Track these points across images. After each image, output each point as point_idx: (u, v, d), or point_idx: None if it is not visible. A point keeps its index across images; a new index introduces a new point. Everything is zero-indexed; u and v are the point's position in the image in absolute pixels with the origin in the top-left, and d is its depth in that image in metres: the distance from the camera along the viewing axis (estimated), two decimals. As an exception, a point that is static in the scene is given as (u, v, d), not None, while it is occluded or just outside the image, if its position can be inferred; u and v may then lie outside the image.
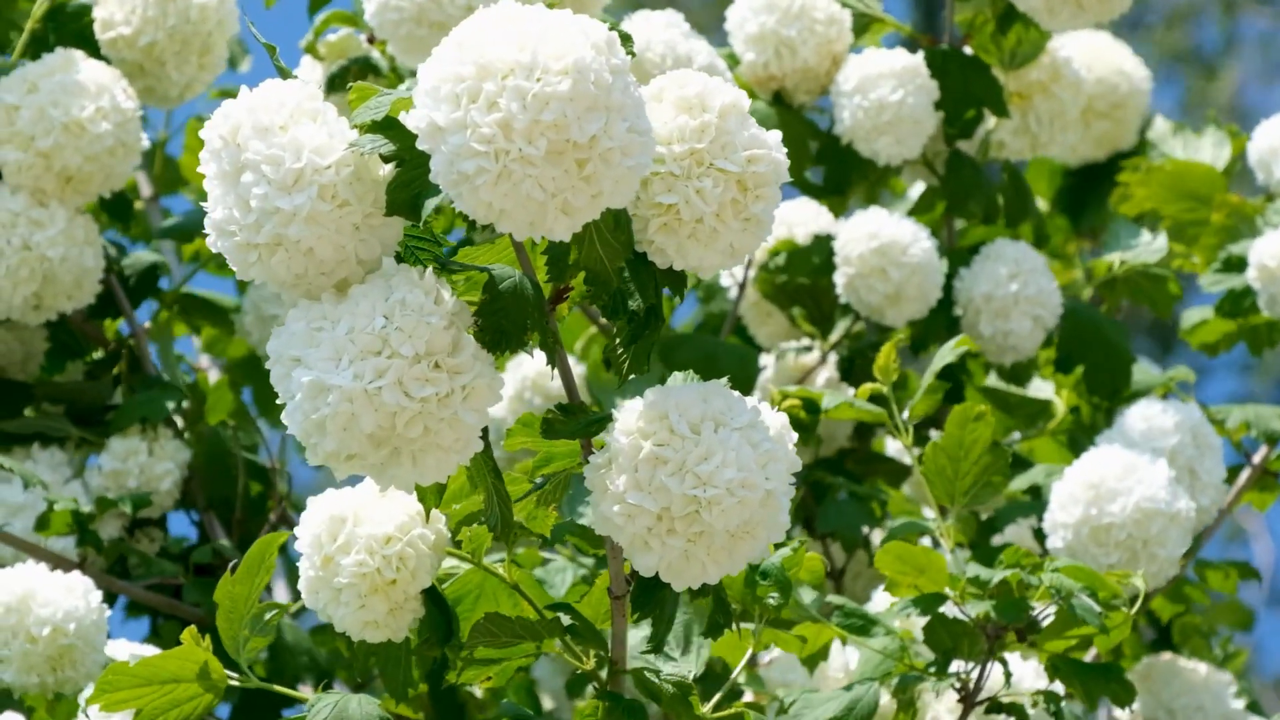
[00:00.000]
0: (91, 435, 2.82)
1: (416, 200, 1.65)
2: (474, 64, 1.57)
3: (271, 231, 1.65)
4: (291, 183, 1.65)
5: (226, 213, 1.67)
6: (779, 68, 2.94)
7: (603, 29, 1.60)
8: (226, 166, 1.67)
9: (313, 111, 1.68)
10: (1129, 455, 2.57)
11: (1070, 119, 2.99)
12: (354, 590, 1.92)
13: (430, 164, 1.59)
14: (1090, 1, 2.80)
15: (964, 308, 2.92)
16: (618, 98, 1.58)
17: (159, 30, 2.77)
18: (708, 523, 1.68)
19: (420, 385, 1.63)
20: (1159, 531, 2.54)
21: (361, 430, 1.63)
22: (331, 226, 1.66)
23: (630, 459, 1.69)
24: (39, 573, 2.29)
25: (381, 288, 1.66)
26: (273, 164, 1.65)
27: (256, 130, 1.66)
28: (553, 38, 1.57)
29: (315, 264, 1.67)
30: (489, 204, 1.57)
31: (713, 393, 1.73)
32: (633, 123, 1.59)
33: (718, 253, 1.74)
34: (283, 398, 1.67)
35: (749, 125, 1.74)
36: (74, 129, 2.65)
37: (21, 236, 2.66)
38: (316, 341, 1.64)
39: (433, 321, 1.64)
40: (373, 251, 1.69)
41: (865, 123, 2.88)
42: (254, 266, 1.67)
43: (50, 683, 2.28)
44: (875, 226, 2.86)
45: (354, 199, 1.67)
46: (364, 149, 1.65)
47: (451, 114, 1.57)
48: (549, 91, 1.55)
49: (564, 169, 1.56)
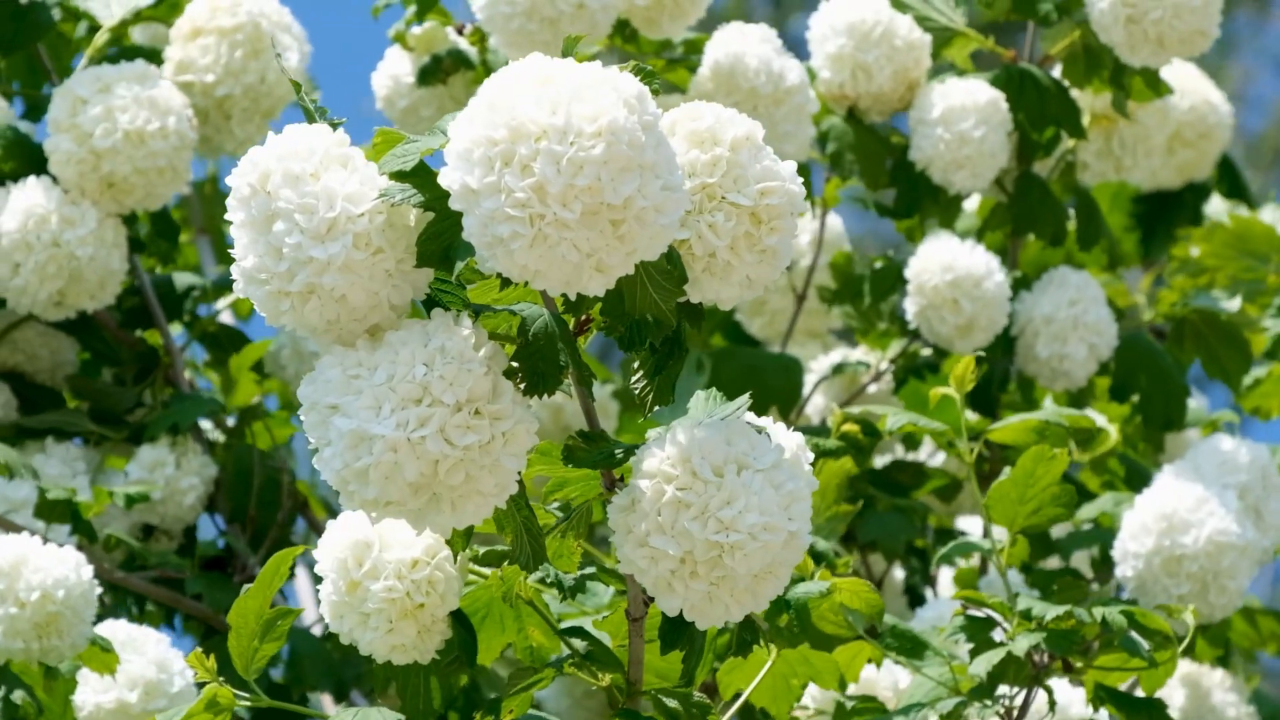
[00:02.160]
0: (110, 431, 2.85)
1: (448, 252, 1.66)
2: (506, 127, 1.57)
3: (305, 280, 1.65)
4: (325, 231, 1.65)
5: (257, 261, 1.67)
6: (854, 89, 2.96)
7: (634, 83, 1.61)
8: (256, 214, 1.67)
9: (342, 158, 1.68)
10: (1200, 487, 2.59)
11: (1155, 144, 3.02)
12: (383, 615, 1.94)
13: (463, 223, 1.60)
14: (1171, 40, 2.82)
15: (1022, 329, 2.96)
16: (650, 156, 1.58)
17: (237, 83, 2.80)
18: (730, 567, 1.70)
19: (463, 433, 1.64)
20: (1230, 564, 2.57)
21: (404, 479, 1.64)
22: (365, 274, 1.66)
23: (653, 503, 1.71)
24: (33, 542, 2.30)
25: (419, 334, 1.67)
26: (305, 213, 1.65)
27: (287, 178, 1.66)
28: (585, 98, 1.57)
29: (348, 310, 1.67)
30: (524, 265, 1.58)
31: (736, 433, 1.74)
32: (666, 179, 1.60)
33: (733, 285, 1.75)
34: (316, 444, 1.68)
35: (763, 157, 1.74)
36: (134, 138, 2.67)
37: (52, 233, 2.69)
38: (355, 389, 1.65)
39: (473, 369, 1.65)
40: (404, 296, 1.70)
41: (945, 154, 2.90)
42: (286, 314, 1.68)
43: (35, 649, 2.28)
44: (950, 258, 2.88)
45: (387, 246, 1.67)
46: (394, 199, 1.66)
47: (485, 178, 1.57)
48: (583, 156, 1.56)
49: (599, 230, 1.57)
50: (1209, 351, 3.07)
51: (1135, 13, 2.81)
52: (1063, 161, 3.05)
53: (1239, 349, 3.08)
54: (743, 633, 1.93)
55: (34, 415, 2.85)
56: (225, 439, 2.92)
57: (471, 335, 1.67)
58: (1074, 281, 2.95)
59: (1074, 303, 2.93)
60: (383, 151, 1.70)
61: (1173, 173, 3.35)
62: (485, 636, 2.06)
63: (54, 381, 2.91)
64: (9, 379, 2.89)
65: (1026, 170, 3.01)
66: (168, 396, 2.87)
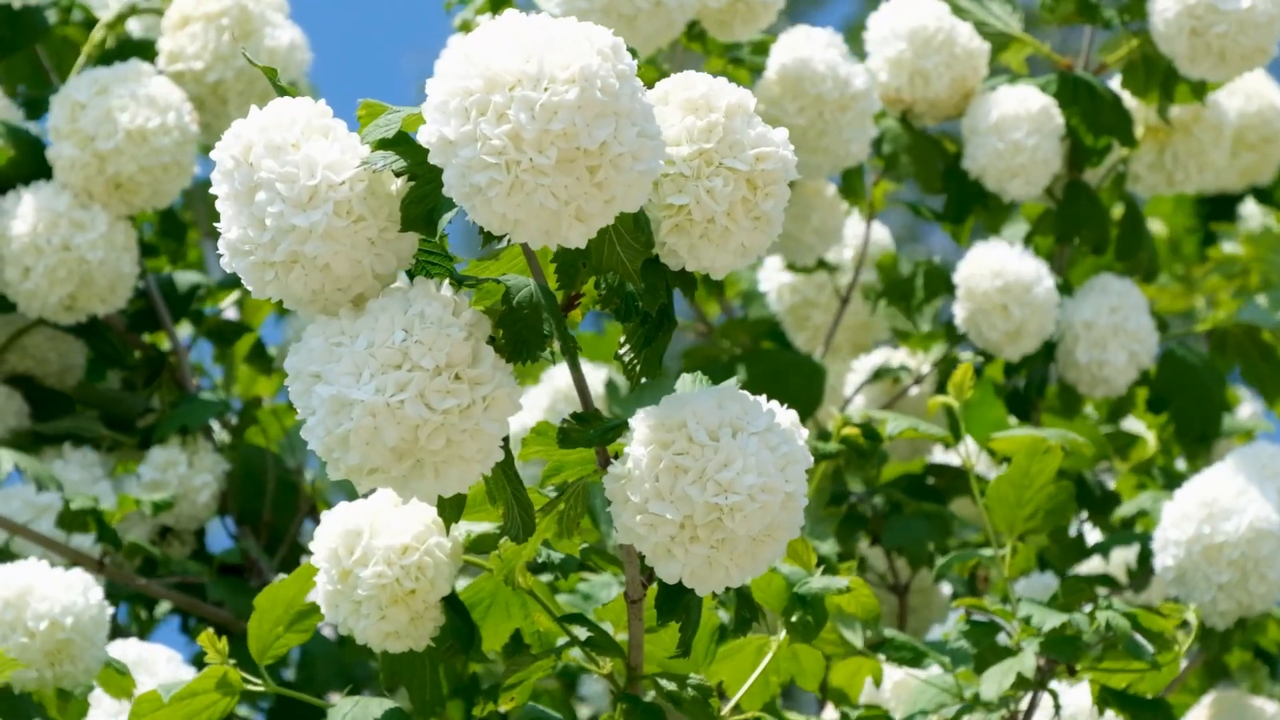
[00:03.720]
0: (123, 437, 2.85)
1: (431, 215, 1.65)
2: (481, 77, 1.57)
3: (288, 249, 1.65)
4: (306, 199, 1.65)
5: (241, 232, 1.67)
6: (910, 94, 2.96)
7: (608, 35, 1.61)
8: (239, 186, 1.67)
9: (324, 128, 1.69)
10: (1242, 478, 2.57)
11: (1209, 160, 3.02)
12: (374, 602, 1.93)
13: (443, 178, 1.60)
14: (1232, 55, 2.82)
15: (1063, 334, 2.95)
16: (625, 103, 1.58)
17: (228, 68, 2.81)
18: (730, 529, 1.69)
19: (442, 397, 1.63)
20: (1270, 552, 2.54)
21: (385, 444, 1.63)
22: (347, 242, 1.66)
23: (650, 469, 1.70)
24: (38, 569, 2.29)
25: (400, 301, 1.66)
26: (287, 182, 1.65)
27: (269, 149, 1.67)
28: (558, 47, 1.58)
29: (332, 280, 1.67)
30: (503, 215, 1.58)
31: (728, 398, 1.73)
32: (642, 127, 1.60)
33: (729, 252, 1.74)
34: (302, 413, 1.67)
35: (755, 124, 1.74)
36: (136, 137, 2.68)
37: (62, 237, 2.69)
38: (336, 357, 1.65)
39: (452, 333, 1.64)
40: (388, 266, 1.69)
41: (998, 163, 2.91)
42: (270, 284, 1.67)
43: (48, 677, 2.28)
44: (1000, 264, 2.87)
45: (369, 214, 1.67)
46: (376, 166, 1.66)
47: (461, 128, 1.57)
48: (556, 101, 1.56)
49: (575, 176, 1.57)
50: (1249, 362, 3.07)
51: (1200, 25, 2.81)
52: (1114, 171, 3.04)
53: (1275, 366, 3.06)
54: (741, 609, 1.92)
55: (46, 419, 2.86)
56: (231, 439, 2.91)
57: (451, 301, 1.67)
58: (1115, 288, 2.94)
59: (1115, 309, 2.92)
60: (367, 123, 1.70)
61: (1235, 176, 3.34)
62: (491, 623, 2.04)
63: (63, 385, 2.92)
64: (19, 383, 2.90)
65: (1076, 178, 3.01)
66: (175, 398, 2.86)
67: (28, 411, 2.88)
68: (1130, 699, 2.27)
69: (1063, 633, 2.19)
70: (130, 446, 2.86)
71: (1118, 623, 2.18)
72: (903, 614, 2.95)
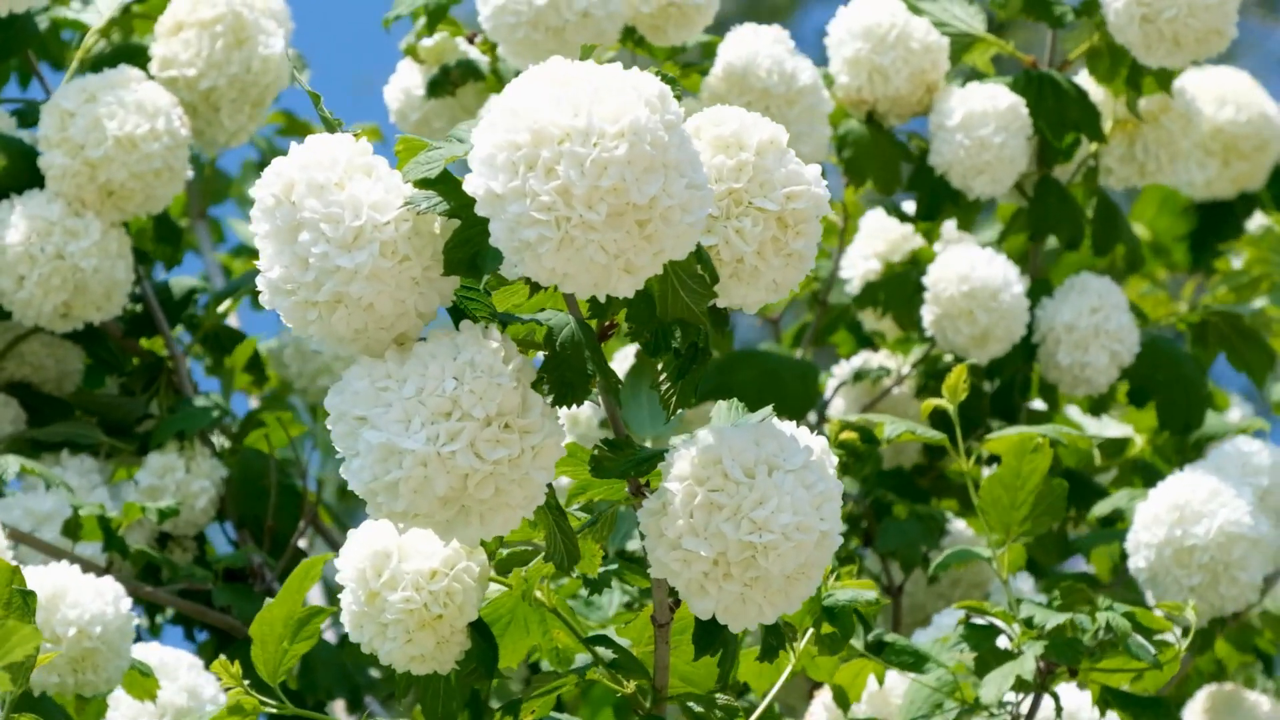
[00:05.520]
0: (121, 443, 2.85)
1: (476, 259, 1.65)
2: (528, 130, 1.57)
3: (332, 290, 1.64)
4: (351, 240, 1.64)
5: (284, 271, 1.66)
6: (871, 93, 2.96)
7: (655, 82, 1.60)
8: (280, 224, 1.66)
9: (365, 166, 1.68)
10: (1214, 479, 2.60)
11: (1179, 149, 3.01)
12: (401, 626, 1.93)
13: (490, 229, 1.60)
14: (1187, 40, 2.82)
15: (1044, 336, 2.96)
16: (674, 155, 1.58)
17: (221, 75, 2.79)
18: (764, 568, 1.70)
19: (492, 448, 1.64)
20: (1241, 555, 2.57)
21: (434, 493, 1.63)
22: (392, 282, 1.65)
23: (685, 505, 1.71)
24: (72, 573, 2.29)
25: (449, 347, 1.66)
26: (331, 222, 1.65)
27: (311, 188, 1.65)
28: (606, 99, 1.57)
29: (376, 319, 1.66)
30: (552, 269, 1.58)
31: (765, 435, 1.74)
32: (690, 178, 1.60)
33: (760, 290, 1.75)
34: (343, 454, 1.67)
35: (788, 161, 1.74)
36: (126, 144, 2.67)
37: (56, 245, 2.69)
38: (384, 402, 1.64)
39: (503, 382, 1.64)
40: (431, 304, 1.69)
41: (965, 160, 2.91)
42: (314, 324, 1.67)
43: (70, 684, 2.28)
44: (967, 268, 2.88)
45: (413, 254, 1.67)
46: (420, 208, 1.65)
47: (509, 183, 1.57)
48: (606, 157, 1.55)
49: (625, 230, 1.57)
50: (1232, 347, 3.08)
51: (1150, 12, 2.81)
52: (1084, 166, 3.05)
53: (1261, 346, 3.09)
54: (769, 638, 1.93)
55: (44, 426, 2.85)
56: (230, 444, 2.92)
57: (500, 348, 1.67)
58: (1095, 288, 2.95)
59: (1095, 310, 2.93)
60: (405, 159, 1.70)
61: (1227, 184, 3.35)
62: (509, 640, 2.05)
63: (60, 391, 2.91)
64: (16, 390, 2.89)
65: (1046, 175, 3.01)
66: (173, 404, 2.86)
67: (25, 419, 2.87)
68: (1131, 699, 2.29)
69: (1064, 634, 2.21)
70: (128, 453, 2.85)
71: (1118, 623, 2.20)
72: (896, 616, 2.97)
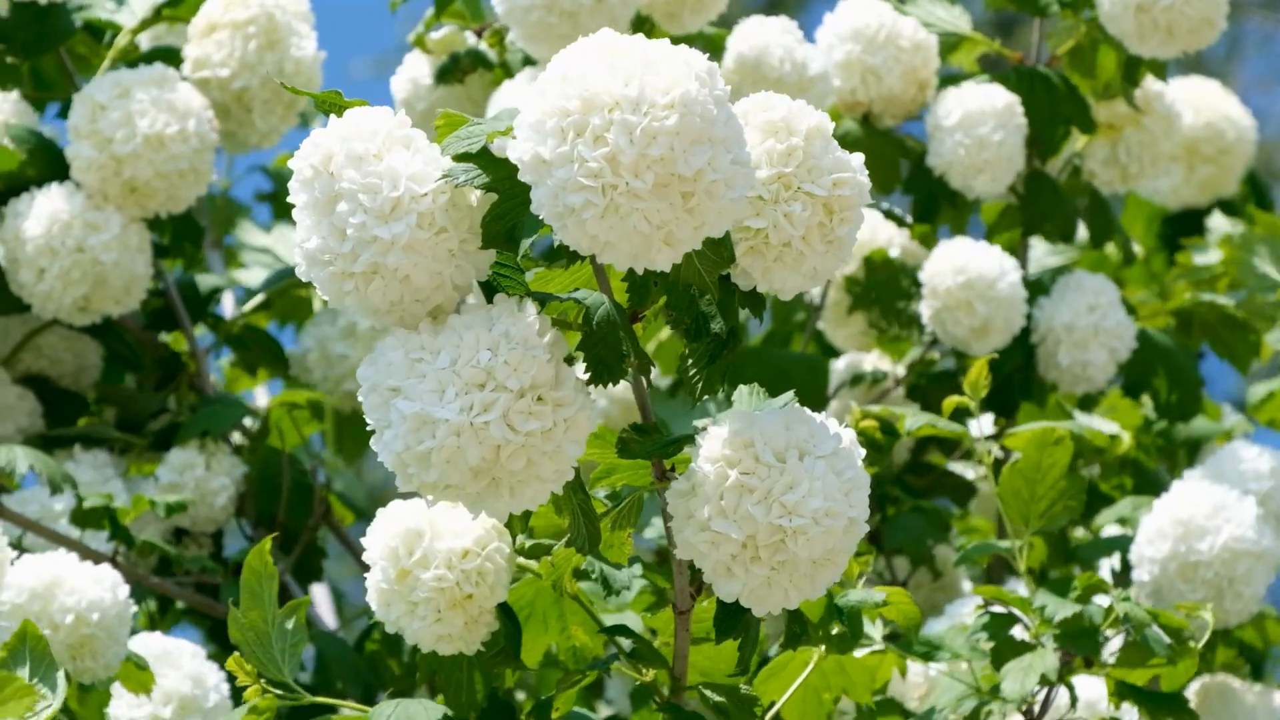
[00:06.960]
0: (135, 439, 2.84)
1: (513, 232, 1.65)
2: (580, 98, 1.57)
3: (369, 260, 1.64)
4: (389, 211, 1.64)
5: (321, 242, 1.66)
6: (865, 94, 2.97)
7: (703, 60, 1.61)
8: (319, 195, 1.66)
9: (404, 139, 1.68)
10: (1218, 492, 2.59)
11: (1161, 151, 3.02)
12: (431, 605, 1.93)
13: (532, 195, 1.60)
14: (1180, 29, 2.83)
15: (1043, 336, 2.96)
16: (721, 130, 1.59)
17: (254, 76, 2.79)
18: (792, 552, 1.70)
19: (525, 419, 1.64)
20: (1245, 571, 2.57)
21: (466, 463, 1.63)
22: (429, 254, 1.65)
23: (716, 487, 1.71)
24: (69, 561, 2.27)
25: (484, 319, 1.66)
26: (369, 193, 1.64)
27: (350, 159, 1.65)
28: (658, 70, 1.58)
29: (412, 291, 1.66)
30: (594, 236, 1.58)
31: (796, 420, 1.74)
32: (735, 154, 1.60)
33: (801, 275, 1.75)
34: (375, 425, 1.67)
35: (833, 148, 1.75)
36: (155, 142, 2.67)
37: (76, 238, 2.68)
38: (418, 372, 1.64)
39: (537, 355, 1.64)
40: (467, 277, 1.69)
41: (965, 159, 2.91)
42: (349, 295, 1.66)
43: (69, 671, 2.25)
44: (963, 260, 2.88)
45: (450, 226, 1.66)
46: (458, 180, 1.65)
47: (558, 148, 1.57)
48: (657, 126, 1.56)
49: (670, 202, 1.57)
50: (1215, 336, 3.09)
51: (1145, 1, 2.82)
52: (1070, 164, 3.06)
53: (1245, 335, 3.08)
54: (793, 624, 1.93)
55: (60, 422, 2.84)
56: (250, 442, 2.90)
57: (535, 321, 1.67)
58: (1090, 286, 2.95)
59: (1093, 308, 2.93)
60: (445, 134, 1.70)
61: (1196, 190, 3.35)
62: (529, 637, 2.05)
63: (78, 386, 2.90)
64: (33, 384, 2.88)
65: (1037, 170, 3.02)
66: (193, 402, 2.85)
67: (41, 412, 2.86)
68: (1146, 694, 2.28)
69: (1078, 624, 2.20)
70: (142, 448, 2.84)
71: (1137, 615, 2.19)
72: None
